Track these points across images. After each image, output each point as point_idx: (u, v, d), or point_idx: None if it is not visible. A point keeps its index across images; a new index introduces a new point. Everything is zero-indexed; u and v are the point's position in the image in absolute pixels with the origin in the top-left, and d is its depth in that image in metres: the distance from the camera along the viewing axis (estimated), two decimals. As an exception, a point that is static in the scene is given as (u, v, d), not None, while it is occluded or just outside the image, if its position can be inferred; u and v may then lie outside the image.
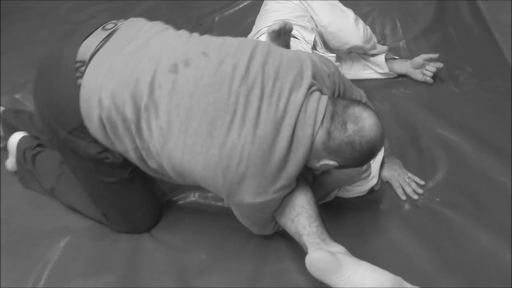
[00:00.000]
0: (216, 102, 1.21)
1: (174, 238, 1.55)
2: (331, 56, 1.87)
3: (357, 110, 1.23)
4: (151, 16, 1.46)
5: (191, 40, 1.33)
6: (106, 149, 1.35)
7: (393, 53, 2.25)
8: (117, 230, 1.56)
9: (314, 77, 1.28)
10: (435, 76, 2.12)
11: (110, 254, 1.50)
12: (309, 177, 1.46)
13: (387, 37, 2.43)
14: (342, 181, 1.50)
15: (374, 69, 2.18)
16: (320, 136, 1.23)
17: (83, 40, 1.31)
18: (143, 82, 1.23)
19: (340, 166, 1.29)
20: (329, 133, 1.22)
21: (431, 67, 2.10)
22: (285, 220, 1.35)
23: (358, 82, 2.17)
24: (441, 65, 2.10)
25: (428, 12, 2.51)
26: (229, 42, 1.31)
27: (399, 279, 1.23)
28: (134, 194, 1.49)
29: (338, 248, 1.28)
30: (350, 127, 1.21)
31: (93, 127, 1.29)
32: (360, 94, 1.51)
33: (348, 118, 1.22)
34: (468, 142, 1.80)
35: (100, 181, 1.42)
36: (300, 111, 1.22)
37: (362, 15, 2.47)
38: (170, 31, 1.37)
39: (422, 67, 2.12)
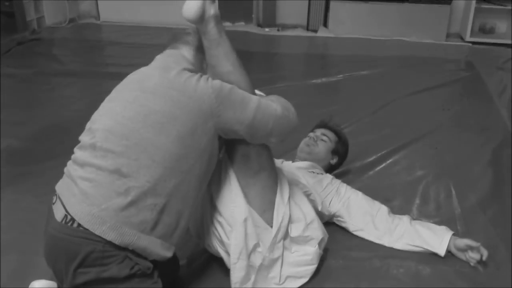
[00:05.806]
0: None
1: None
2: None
3: None
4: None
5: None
6: (135, 263, 1.39)
7: (449, 223, 2.11)
8: None
9: None
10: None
11: None
12: None
13: (442, 205, 2.31)
14: None
15: (425, 244, 2.01)
16: None
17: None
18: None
19: None
20: None
21: (475, 255, 1.93)
22: None
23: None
24: (485, 253, 1.91)
25: (485, 182, 2.42)
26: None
27: None
28: None
29: None
30: None
31: None
32: None
33: None
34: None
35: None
36: None
37: (416, 179, 2.45)
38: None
39: (464, 251, 1.96)
